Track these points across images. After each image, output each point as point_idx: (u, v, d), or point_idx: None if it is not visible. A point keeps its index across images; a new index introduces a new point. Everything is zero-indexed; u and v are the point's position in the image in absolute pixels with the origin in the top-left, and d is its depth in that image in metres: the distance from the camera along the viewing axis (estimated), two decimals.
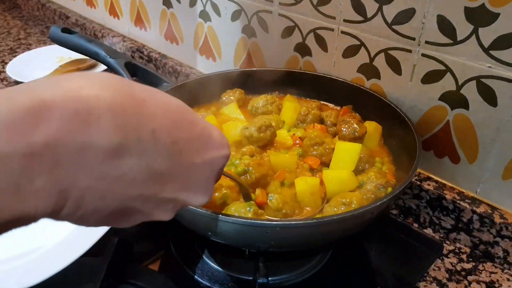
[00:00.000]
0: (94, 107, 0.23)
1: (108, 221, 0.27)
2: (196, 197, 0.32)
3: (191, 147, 0.29)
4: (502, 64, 0.56)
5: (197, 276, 0.59)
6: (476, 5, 0.56)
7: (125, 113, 0.24)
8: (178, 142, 0.28)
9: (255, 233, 0.47)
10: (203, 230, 0.51)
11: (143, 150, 0.25)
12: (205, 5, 0.97)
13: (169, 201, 0.29)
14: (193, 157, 0.30)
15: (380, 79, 0.72)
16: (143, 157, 0.25)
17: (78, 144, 0.22)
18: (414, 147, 0.57)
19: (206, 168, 0.31)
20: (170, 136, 0.27)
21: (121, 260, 0.56)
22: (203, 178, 0.32)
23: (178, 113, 0.29)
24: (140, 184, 0.26)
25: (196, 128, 0.30)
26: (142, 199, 0.27)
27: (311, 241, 0.51)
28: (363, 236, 0.66)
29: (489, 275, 0.61)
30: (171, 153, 0.27)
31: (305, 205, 0.56)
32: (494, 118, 0.59)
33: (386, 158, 0.65)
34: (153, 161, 0.26)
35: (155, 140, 0.26)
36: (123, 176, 0.25)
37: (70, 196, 0.23)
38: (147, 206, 0.28)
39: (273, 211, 0.53)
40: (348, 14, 0.71)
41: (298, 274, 0.59)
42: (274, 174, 0.59)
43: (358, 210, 0.47)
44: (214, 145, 0.32)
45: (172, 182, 0.29)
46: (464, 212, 0.64)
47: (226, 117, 0.73)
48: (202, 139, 0.30)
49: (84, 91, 0.23)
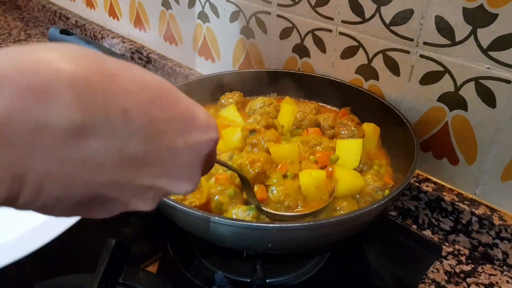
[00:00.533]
0: (52, 81, 0.20)
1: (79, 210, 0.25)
2: (179, 184, 0.28)
3: (171, 128, 0.26)
4: (500, 65, 0.56)
5: (194, 277, 0.59)
6: (474, 5, 0.56)
7: (90, 89, 0.21)
8: (156, 122, 0.25)
9: (252, 236, 0.47)
10: (200, 233, 0.51)
11: (112, 131, 0.22)
12: (204, 6, 0.97)
13: (148, 188, 0.26)
14: (174, 140, 0.26)
15: (378, 80, 0.71)
16: (113, 138, 0.22)
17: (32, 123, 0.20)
18: (412, 148, 0.57)
19: (190, 153, 0.28)
20: (146, 115, 0.24)
21: (119, 262, 0.56)
22: (186, 163, 0.28)
23: (157, 91, 0.25)
24: (110, 169, 0.23)
25: (177, 107, 0.26)
26: (115, 186, 0.24)
27: (309, 243, 0.51)
28: (362, 237, 0.66)
29: (488, 277, 0.61)
30: (147, 135, 0.24)
31: (311, 199, 0.54)
32: (493, 119, 0.59)
33: (384, 160, 0.65)
34: (125, 144, 0.23)
35: (127, 119, 0.23)
36: (88, 160, 0.22)
37: (26, 182, 0.21)
38: (122, 194, 0.25)
39: (275, 203, 0.52)
40: (346, 15, 0.71)
41: (296, 276, 0.59)
42: (276, 167, 0.57)
43: (356, 212, 0.47)
44: (199, 127, 0.28)
45: (150, 168, 0.25)
46: (463, 214, 0.64)
47: (224, 119, 0.72)
48: (184, 120, 0.27)
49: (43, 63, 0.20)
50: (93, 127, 0.21)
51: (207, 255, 0.62)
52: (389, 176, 0.62)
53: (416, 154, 0.56)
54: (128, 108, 0.23)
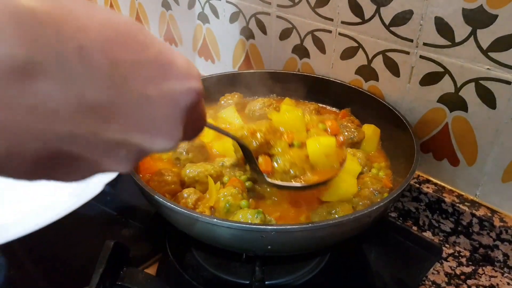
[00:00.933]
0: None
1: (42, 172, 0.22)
2: (155, 140, 0.24)
3: (140, 73, 0.22)
4: (500, 66, 0.56)
5: (193, 280, 0.58)
6: (474, 6, 0.55)
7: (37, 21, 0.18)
8: (121, 65, 0.21)
9: (250, 238, 0.47)
10: (199, 235, 0.51)
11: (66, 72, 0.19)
12: (204, 7, 0.97)
13: (119, 144, 0.23)
14: (145, 87, 0.23)
15: (378, 81, 0.71)
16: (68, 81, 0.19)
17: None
18: (412, 150, 0.57)
19: (166, 103, 0.24)
20: (108, 56, 0.21)
21: (118, 263, 0.56)
22: (162, 115, 0.24)
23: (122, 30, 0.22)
24: (68, 119, 0.20)
25: (148, 50, 0.23)
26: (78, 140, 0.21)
27: (308, 245, 0.51)
28: (362, 239, 0.66)
29: (489, 279, 0.61)
30: (110, 78, 0.21)
31: (320, 168, 0.51)
32: (493, 120, 0.59)
33: (383, 163, 0.65)
34: (83, 88, 0.20)
35: (84, 59, 0.20)
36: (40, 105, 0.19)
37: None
38: (89, 151, 0.22)
39: (280, 173, 0.50)
40: (345, 15, 0.71)
41: (295, 278, 0.59)
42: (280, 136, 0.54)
43: (356, 214, 0.46)
44: (177, 74, 0.25)
45: (118, 119, 0.22)
46: (464, 215, 0.63)
47: (224, 120, 0.72)
48: (157, 65, 0.23)
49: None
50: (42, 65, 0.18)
51: (205, 257, 0.62)
52: (388, 179, 0.61)
53: (416, 155, 0.56)
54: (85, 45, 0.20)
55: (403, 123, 0.63)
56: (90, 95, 0.20)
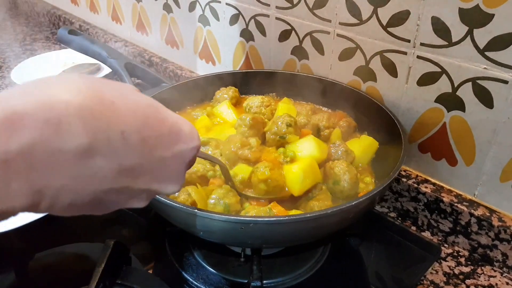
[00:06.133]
0: (64, 115, 0.25)
1: (85, 210, 0.30)
2: (168, 186, 0.34)
3: (160, 143, 0.31)
4: (497, 65, 0.56)
5: (192, 278, 0.59)
6: (470, 6, 0.56)
7: (94, 117, 0.26)
8: (148, 140, 0.30)
9: (231, 229, 0.46)
10: (188, 227, 0.51)
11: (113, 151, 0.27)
12: (204, 10, 0.98)
13: (142, 191, 0.32)
14: (163, 151, 0.32)
15: (376, 81, 0.71)
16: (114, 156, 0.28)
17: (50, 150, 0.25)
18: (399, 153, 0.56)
19: (176, 160, 0.33)
20: (140, 135, 0.29)
21: (117, 262, 0.57)
22: (174, 169, 0.34)
23: (147, 112, 0.30)
24: (111, 180, 0.28)
25: (165, 124, 0.32)
26: (116, 191, 0.30)
27: (292, 237, 0.50)
28: (361, 237, 0.66)
29: (487, 279, 0.60)
30: (141, 150, 0.29)
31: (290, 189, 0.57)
32: (491, 120, 0.59)
33: (368, 178, 0.62)
34: (123, 159, 0.28)
35: (125, 140, 0.28)
36: (95, 174, 0.27)
37: (45, 195, 0.26)
38: (121, 197, 0.31)
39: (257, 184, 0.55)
40: (343, 17, 0.71)
41: (294, 277, 0.59)
42: None
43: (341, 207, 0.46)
44: (184, 138, 0.34)
45: (144, 175, 0.31)
46: (462, 215, 0.63)
47: (218, 116, 0.73)
48: (171, 134, 0.32)
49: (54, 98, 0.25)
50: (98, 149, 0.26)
51: (204, 255, 0.62)
52: None
53: (404, 148, 0.56)
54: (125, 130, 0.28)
55: (397, 128, 0.61)
56: (127, 163, 0.29)
